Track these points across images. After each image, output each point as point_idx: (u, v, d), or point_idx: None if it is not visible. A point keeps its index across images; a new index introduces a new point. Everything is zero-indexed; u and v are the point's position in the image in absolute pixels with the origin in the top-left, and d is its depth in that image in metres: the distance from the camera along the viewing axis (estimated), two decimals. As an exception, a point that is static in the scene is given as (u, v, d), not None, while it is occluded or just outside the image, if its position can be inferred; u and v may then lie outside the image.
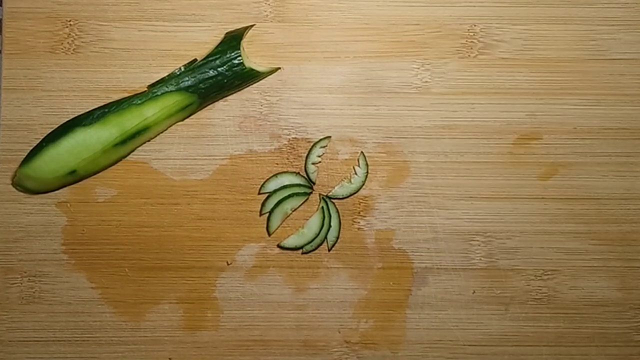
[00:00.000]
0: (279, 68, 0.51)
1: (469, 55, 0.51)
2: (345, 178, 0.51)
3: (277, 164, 0.51)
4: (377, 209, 0.51)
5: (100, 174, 0.50)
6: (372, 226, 0.51)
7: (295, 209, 0.51)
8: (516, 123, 0.51)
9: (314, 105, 0.51)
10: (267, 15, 0.51)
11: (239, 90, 0.51)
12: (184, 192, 0.51)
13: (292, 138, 0.51)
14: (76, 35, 0.51)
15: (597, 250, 0.51)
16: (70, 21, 0.51)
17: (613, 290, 0.51)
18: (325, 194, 0.51)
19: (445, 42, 0.51)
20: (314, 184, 0.51)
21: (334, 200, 0.51)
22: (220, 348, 0.51)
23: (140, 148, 0.51)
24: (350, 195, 0.51)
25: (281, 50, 0.51)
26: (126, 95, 0.50)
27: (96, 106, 0.49)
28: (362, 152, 0.51)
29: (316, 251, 0.51)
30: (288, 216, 0.51)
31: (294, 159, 0.51)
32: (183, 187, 0.51)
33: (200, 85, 0.49)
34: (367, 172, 0.51)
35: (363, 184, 0.51)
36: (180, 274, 0.50)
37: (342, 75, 0.51)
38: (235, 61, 0.49)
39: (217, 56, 0.49)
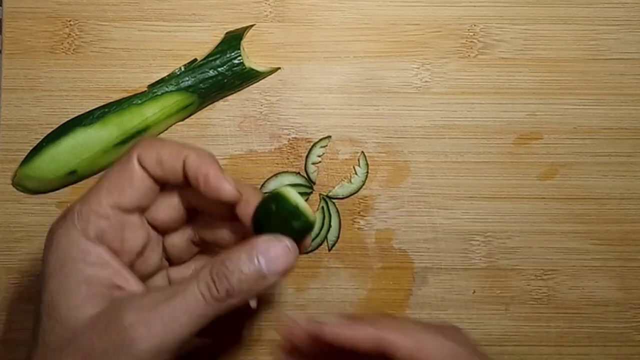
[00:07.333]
0: (279, 68, 0.51)
1: (469, 55, 0.51)
2: (345, 178, 0.51)
3: (277, 164, 0.51)
4: (377, 209, 0.51)
5: (100, 174, 0.50)
6: (372, 226, 0.51)
7: (295, 209, 0.51)
8: (516, 123, 0.51)
9: (314, 105, 0.51)
10: (267, 15, 0.51)
11: (239, 90, 0.51)
12: (184, 192, 0.50)
13: (292, 138, 0.51)
14: (76, 35, 0.51)
15: (597, 250, 0.51)
16: (70, 21, 0.51)
17: (613, 290, 0.51)
18: (325, 194, 0.51)
19: (445, 42, 0.51)
20: (314, 184, 0.51)
21: (334, 200, 0.51)
22: (220, 348, 0.50)
23: (140, 148, 0.51)
24: (350, 195, 0.51)
25: (281, 50, 0.51)
26: (126, 95, 0.50)
27: (96, 106, 0.49)
28: (362, 152, 0.51)
29: (316, 251, 0.51)
30: (288, 216, 0.51)
31: (294, 159, 0.51)
32: (183, 187, 0.50)
33: (200, 85, 0.49)
34: (367, 172, 0.51)
35: (363, 184, 0.51)
36: (181, 274, 0.50)
37: (342, 75, 0.51)
38: (235, 61, 0.49)
39: (217, 56, 0.49)
